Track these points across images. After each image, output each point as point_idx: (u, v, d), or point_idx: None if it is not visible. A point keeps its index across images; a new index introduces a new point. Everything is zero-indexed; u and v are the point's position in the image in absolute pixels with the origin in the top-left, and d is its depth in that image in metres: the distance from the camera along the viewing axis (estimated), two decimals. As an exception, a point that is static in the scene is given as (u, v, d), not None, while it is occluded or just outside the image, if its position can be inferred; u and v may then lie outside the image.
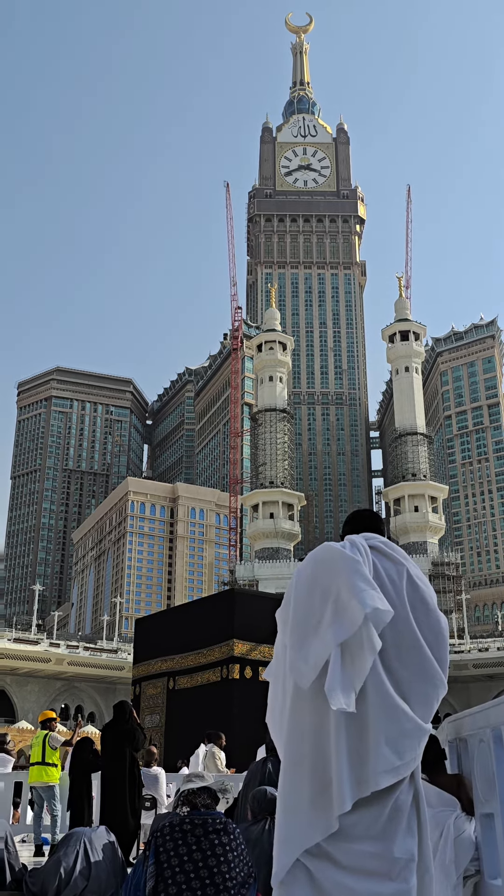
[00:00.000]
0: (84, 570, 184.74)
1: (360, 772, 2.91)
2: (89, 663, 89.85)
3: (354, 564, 3.01)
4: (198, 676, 19.59)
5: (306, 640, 2.97)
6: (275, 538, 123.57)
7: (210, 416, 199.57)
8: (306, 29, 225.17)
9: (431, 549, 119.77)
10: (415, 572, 3.23)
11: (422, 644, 3.08)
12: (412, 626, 3.09)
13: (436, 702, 3.10)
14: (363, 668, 2.90)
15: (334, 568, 3.04)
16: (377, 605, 2.90)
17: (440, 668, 3.10)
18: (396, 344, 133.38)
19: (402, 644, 3.05)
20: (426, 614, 3.15)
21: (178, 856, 4.37)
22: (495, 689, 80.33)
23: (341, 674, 2.88)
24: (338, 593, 2.97)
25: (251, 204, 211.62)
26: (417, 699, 3.03)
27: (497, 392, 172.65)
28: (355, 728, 2.93)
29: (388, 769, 2.92)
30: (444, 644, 3.16)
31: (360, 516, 3.59)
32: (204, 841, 4.42)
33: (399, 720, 2.96)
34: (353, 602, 2.90)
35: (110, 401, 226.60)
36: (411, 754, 2.98)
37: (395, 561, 3.22)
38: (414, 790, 3.06)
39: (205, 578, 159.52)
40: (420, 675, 3.06)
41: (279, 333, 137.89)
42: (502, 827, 3.66)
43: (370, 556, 3.13)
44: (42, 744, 13.16)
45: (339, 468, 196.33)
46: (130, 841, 10.00)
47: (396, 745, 2.94)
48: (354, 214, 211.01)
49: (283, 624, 3.14)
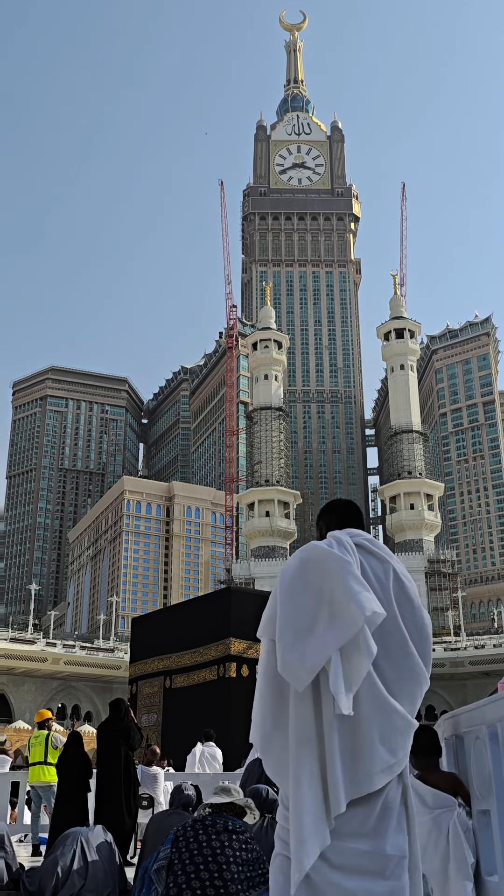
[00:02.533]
0: (80, 569, 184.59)
1: (353, 772, 2.91)
2: (86, 662, 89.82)
3: (346, 565, 2.99)
4: (194, 675, 19.58)
5: (300, 642, 2.94)
6: (271, 536, 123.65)
7: (205, 414, 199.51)
8: (300, 27, 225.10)
9: (427, 547, 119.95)
10: (400, 569, 3.24)
11: (408, 643, 3.10)
12: (400, 625, 3.10)
13: (420, 698, 3.12)
14: (360, 672, 2.91)
15: (325, 569, 3.01)
16: (374, 608, 2.90)
17: (424, 666, 3.12)
18: (391, 342, 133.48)
19: (389, 643, 3.06)
20: (412, 612, 3.17)
21: (197, 843, 4.62)
22: (491, 686, 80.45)
23: (343, 678, 2.88)
24: (331, 595, 2.95)
25: (246, 202, 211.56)
26: (404, 697, 3.05)
27: (492, 389, 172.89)
28: (348, 728, 2.94)
29: (384, 768, 2.93)
30: (427, 641, 3.19)
31: (339, 507, 3.55)
32: (222, 836, 4.64)
33: (392, 718, 2.97)
34: (350, 605, 2.89)
35: (106, 400, 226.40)
36: (403, 751, 3.00)
37: (381, 559, 3.21)
38: (402, 786, 3.07)
39: (201, 577, 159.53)
40: (407, 673, 3.08)
41: (274, 332, 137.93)
42: (498, 823, 3.67)
43: (357, 555, 3.13)
44: (45, 743, 13.14)
45: (334, 466, 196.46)
46: (127, 840, 9.99)
47: (390, 743, 2.95)
48: (349, 212, 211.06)
49: (268, 622, 3.12)
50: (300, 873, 2.84)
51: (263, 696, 3.13)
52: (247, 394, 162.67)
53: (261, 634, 3.16)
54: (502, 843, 3.65)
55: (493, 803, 3.71)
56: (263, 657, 3.16)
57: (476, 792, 3.97)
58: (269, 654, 3.10)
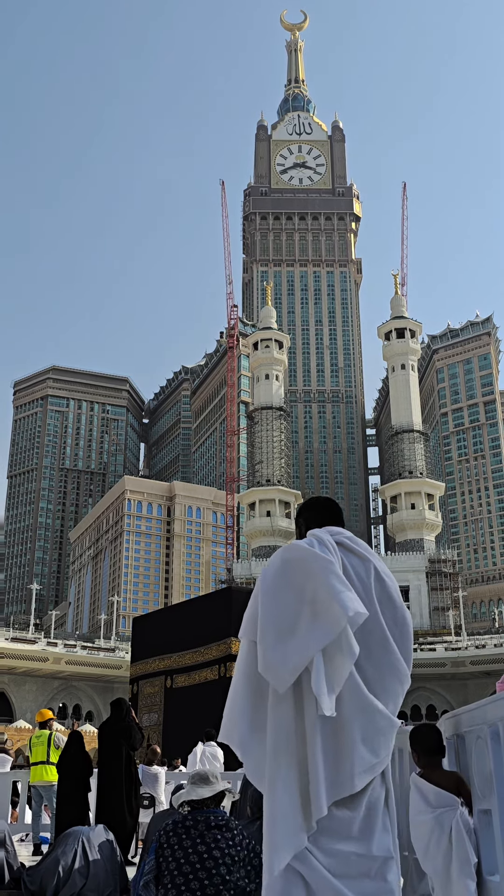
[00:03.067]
0: (81, 569, 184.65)
1: (335, 773, 2.90)
2: (87, 662, 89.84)
3: (328, 565, 2.98)
4: (195, 675, 19.59)
5: (282, 643, 2.92)
6: (272, 536, 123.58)
7: (206, 414, 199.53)
8: (301, 26, 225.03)
9: (428, 547, 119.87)
10: (381, 567, 3.23)
11: (390, 641, 3.09)
12: (381, 624, 3.10)
13: (402, 696, 3.11)
14: (343, 673, 2.89)
15: (307, 568, 2.99)
16: (357, 607, 2.88)
17: (405, 663, 3.11)
18: (392, 341, 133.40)
19: (370, 642, 3.05)
20: (393, 610, 3.16)
21: (182, 849, 4.37)
22: (492, 685, 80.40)
23: (326, 679, 2.86)
24: (314, 595, 2.93)
25: (246, 202, 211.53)
26: (386, 696, 3.04)
27: (493, 389, 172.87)
28: (330, 729, 2.93)
29: (366, 768, 2.93)
30: (409, 638, 3.18)
31: (319, 505, 3.53)
32: (207, 836, 4.41)
33: (374, 718, 2.97)
34: (333, 605, 2.86)
35: (107, 400, 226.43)
36: (385, 751, 3.00)
37: (362, 557, 3.20)
38: (385, 787, 3.07)
39: (202, 577, 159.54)
40: (389, 672, 3.07)
41: (275, 331, 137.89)
42: (500, 823, 3.67)
43: (339, 554, 3.11)
44: (47, 743, 13.15)
45: (335, 466, 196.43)
46: (128, 839, 9.99)
47: (372, 743, 2.95)
48: (350, 212, 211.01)
49: (249, 623, 3.09)
50: (270, 876, 2.85)
51: (241, 697, 3.10)
52: (248, 393, 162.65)
53: (241, 636, 3.13)
54: (503, 843, 3.65)
55: (495, 803, 3.72)
56: (242, 657, 3.13)
57: (477, 791, 3.97)
58: (249, 654, 3.08)
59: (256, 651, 3.00)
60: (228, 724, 3.13)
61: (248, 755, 3.11)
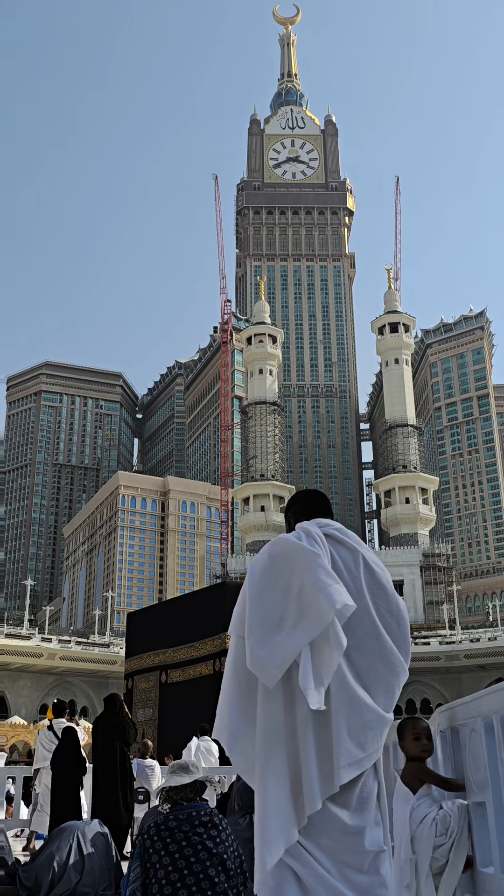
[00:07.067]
0: (75, 564, 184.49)
1: (327, 767, 2.90)
2: (81, 658, 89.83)
3: (315, 558, 2.97)
4: (190, 670, 19.59)
5: (270, 638, 2.91)
6: (266, 531, 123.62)
7: (200, 409, 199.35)
8: (294, 20, 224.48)
9: (422, 541, 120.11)
10: (370, 557, 3.21)
11: (382, 632, 3.07)
12: (371, 615, 3.08)
13: (397, 689, 3.08)
14: (331, 666, 2.88)
15: (294, 563, 2.98)
16: (345, 600, 2.87)
17: (401, 654, 3.09)
18: (386, 336, 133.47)
19: (361, 633, 3.04)
20: (385, 599, 3.14)
21: (168, 854, 4.17)
22: (487, 679, 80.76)
23: (314, 672, 2.86)
24: (300, 589, 2.93)
25: (240, 196, 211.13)
26: (379, 689, 3.02)
27: (486, 383, 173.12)
28: (320, 723, 2.92)
29: (352, 762, 2.91)
30: (405, 628, 3.16)
31: (307, 498, 3.51)
32: (192, 836, 4.22)
33: (361, 712, 2.95)
34: (320, 598, 2.86)
35: (100, 395, 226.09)
36: (374, 745, 2.97)
37: (350, 548, 3.19)
38: (377, 781, 3.06)
39: (196, 572, 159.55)
40: (381, 663, 3.05)
41: (269, 326, 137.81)
42: (494, 816, 3.68)
43: (327, 547, 3.10)
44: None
45: (329, 460, 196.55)
46: (123, 834, 9.98)
47: (359, 737, 2.93)
48: (343, 206, 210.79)
49: (238, 619, 3.10)
50: (262, 871, 2.85)
51: (231, 693, 3.11)
52: (241, 388, 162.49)
53: (230, 631, 3.14)
54: (497, 835, 3.66)
55: (489, 795, 3.73)
56: (231, 653, 3.13)
57: (472, 784, 3.99)
58: (238, 650, 3.08)
59: (244, 646, 3.00)
60: (219, 721, 3.14)
61: (237, 752, 3.10)
